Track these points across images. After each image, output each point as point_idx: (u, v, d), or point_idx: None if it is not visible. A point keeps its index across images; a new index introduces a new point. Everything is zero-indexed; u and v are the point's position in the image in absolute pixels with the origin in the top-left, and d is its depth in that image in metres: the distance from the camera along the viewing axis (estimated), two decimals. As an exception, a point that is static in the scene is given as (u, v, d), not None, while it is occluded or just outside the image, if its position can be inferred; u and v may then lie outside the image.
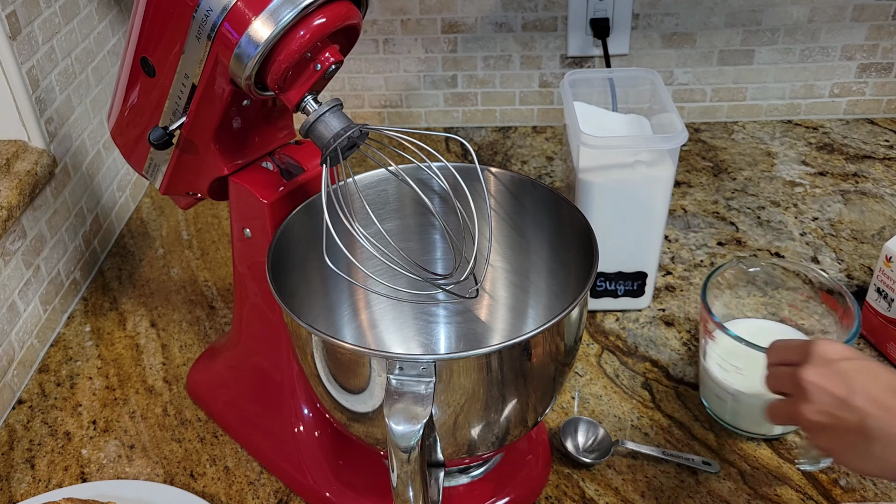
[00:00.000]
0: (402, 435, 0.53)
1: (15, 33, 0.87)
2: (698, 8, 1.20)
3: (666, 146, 0.82)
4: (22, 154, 0.90)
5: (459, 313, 0.79)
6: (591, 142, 0.81)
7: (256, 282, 0.73)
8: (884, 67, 1.25)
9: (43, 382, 0.89)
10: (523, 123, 1.32)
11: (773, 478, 0.74)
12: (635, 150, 0.84)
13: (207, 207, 1.17)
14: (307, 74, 0.59)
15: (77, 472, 0.78)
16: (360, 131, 0.59)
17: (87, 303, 1.00)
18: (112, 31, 1.11)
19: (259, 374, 0.77)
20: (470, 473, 0.71)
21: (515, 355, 0.56)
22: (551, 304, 0.73)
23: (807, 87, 1.27)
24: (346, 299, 0.76)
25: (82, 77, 1.03)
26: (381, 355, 0.56)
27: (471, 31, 1.24)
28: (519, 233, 0.73)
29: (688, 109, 1.30)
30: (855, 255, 1.00)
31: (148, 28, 0.62)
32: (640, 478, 0.74)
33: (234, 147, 0.69)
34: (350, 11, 0.59)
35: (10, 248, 0.86)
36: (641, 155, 0.84)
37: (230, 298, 0.99)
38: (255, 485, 0.76)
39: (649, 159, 0.84)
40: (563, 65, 1.26)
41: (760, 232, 1.05)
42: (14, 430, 0.83)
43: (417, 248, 0.75)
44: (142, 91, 0.67)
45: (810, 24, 1.21)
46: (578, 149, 0.83)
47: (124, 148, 0.74)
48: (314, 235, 0.67)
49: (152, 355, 0.92)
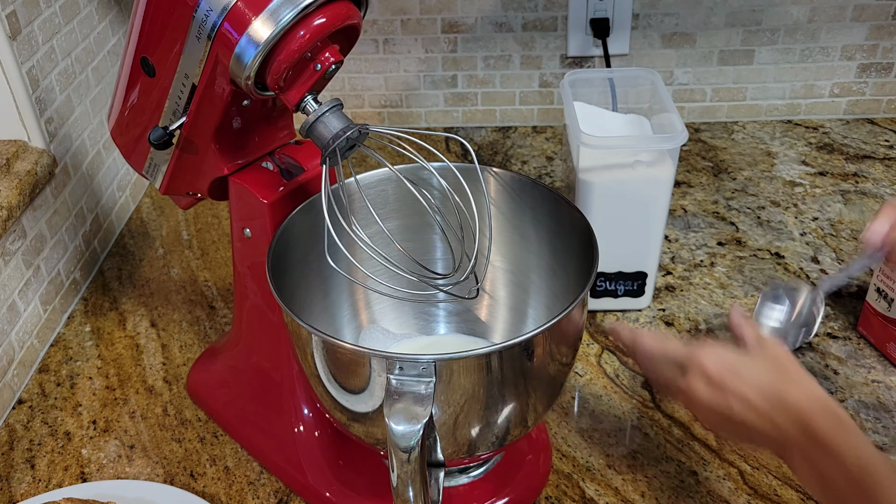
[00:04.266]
0: (402, 435, 0.53)
1: (15, 33, 0.87)
2: (698, 8, 1.20)
3: (666, 146, 0.82)
4: (22, 154, 0.90)
5: (459, 313, 0.79)
6: (591, 142, 0.81)
7: (256, 282, 0.73)
8: (884, 67, 1.25)
9: (43, 382, 0.89)
10: (523, 123, 1.32)
11: (773, 478, 0.74)
12: (635, 150, 0.84)
13: (207, 207, 1.17)
14: (307, 74, 0.59)
15: (77, 472, 0.78)
16: (359, 131, 0.59)
17: (87, 303, 1.00)
18: (112, 31, 1.11)
19: (259, 374, 0.77)
20: (470, 473, 0.71)
21: (515, 355, 0.56)
22: (551, 304, 0.73)
23: (807, 87, 1.27)
24: (346, 299, 0.76)
25: (82, 77, 1.03)
26: (381, 355, 0.56)
27: (471, 31, 1.24)
28: (519, 233, 0.73)
29: (688, 109, 1.30)
30: (855, 255, 1.00)
31: (148, 28, 0.62)
32: (640, 478, 0.74)
33: (234, 147, 0.69)
34: (350, 11, 0.59)
35: (10, 248, 0.86)
36: (641, 155, 0.84)
37: (230, 298, 0.99)
38: (255, 485, 0.76)
39: (649, 159, 0.84)
40: (563, 65, 1.26)
41: (760, 232, 1.05)
42: (14, 430, 0.83)
43: (417, 248, 0.75)
44: (142, 91, 0.67)
45: (810, 24, 1.21)
46: (578, 148, 0.83)
47: (124, 148, 0.74)
48: (314, 235, 0.67)
49: (152, 355, 0.92)
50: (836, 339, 0.88)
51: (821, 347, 0.87)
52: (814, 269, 0.98)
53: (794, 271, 0.98)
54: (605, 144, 0.82)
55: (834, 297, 0.93)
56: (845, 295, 0.94)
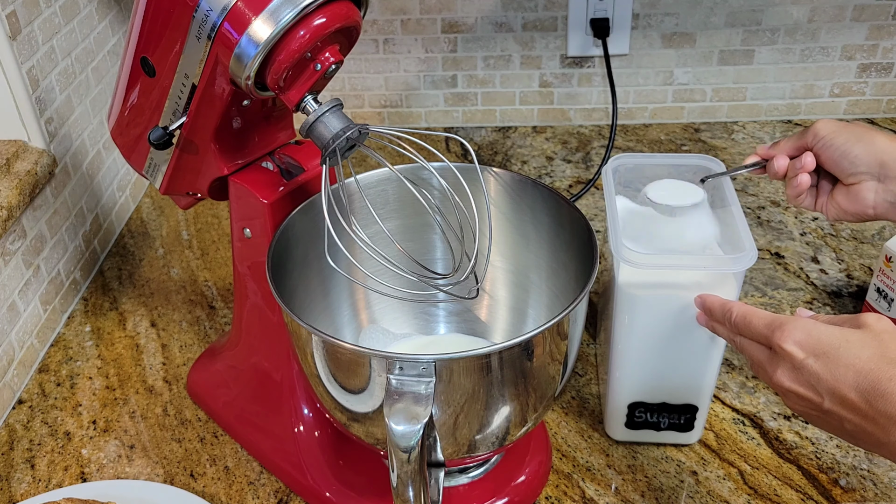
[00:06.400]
0: (402, 435, 0.53)
1: (15, 33, 0.87)
2: (698, 8, 1.20)
3: (730, 269, 0.66)
4: (22, 154, 0.90)
5: (459, 313, 0.79)
6: (635, 259, 0.66)
7: (256, 282, 0.73)
8: (884, 67, 1.25)
9: (43, 382, 0.89)
10: (523, 123, 1.32)
11: (773, 478, 0.74)
12: (691, 270, 0.68)
13: (207, 207, 1.17)
14: (307, 74, 0.59)
15: (77, 472, 0.78)
16: (359, 131, 0.59)
17: (87, 303, 1.00)
18: (112, 31, 1.11)
19: (259, 374, 0.77)
20: (470, 473, 0.71)
21: (515, 355, 0.56)
22: (551, 304, 0.73)
23: (807, 87, 1.27)
24: (346, 299, 0.76)
25: (82, 77, 1.03)
26: (381, 355, 0.56)
27: (471, 31, 1.24)
28: (519, 233, 0.73)
29: (688, 109, 1.30)
30: (855, 255, 1.00)
31: (148, 28, 0.62)
32: (640, 478, 0.74)
33: (234, 147, 0.69)
34: (350, 11, 0.59)
35: (10, 248, 0.86)
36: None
37: (230, 298, 0.99)
38: (255, 485, 0.76)
39: (707, 280, 0.68)
40: (563, 65, 1.26)
41: (760, 232, 1.05)
42: (14, 430, 0.83)
43: (417, 248, 0.75)
44: (142, 91, 0.67)
45: (810, 24, 1.21)
46: (619, 262, 0.67)
47: (124, 148, 0.74)
48: (314, 235, 0.67)
49: (152, 355, 0.92)
50: (836, 339, 0.88)
51: (821, 347, 0.87)
52: (814, 268, 0.98)
53: (794, 271, 0.98)
54: (653, 263, 0.67)
55: (834, 297, 0.93)
56: (845, 295, 0.94)
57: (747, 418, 0.80)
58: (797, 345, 0.52)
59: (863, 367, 0.49)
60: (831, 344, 0.51)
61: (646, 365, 0.72)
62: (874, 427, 0.49)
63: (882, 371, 0.49)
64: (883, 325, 0.52)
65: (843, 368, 0.50)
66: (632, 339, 0.70)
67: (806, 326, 0.53)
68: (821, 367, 0.51)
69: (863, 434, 0.50)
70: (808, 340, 0.52)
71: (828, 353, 0.51)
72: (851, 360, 0.50)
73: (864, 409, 0.49)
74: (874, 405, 0.48)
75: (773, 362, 0.54)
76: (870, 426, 0.49)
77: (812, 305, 0.92)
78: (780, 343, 0.53)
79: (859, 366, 0.50)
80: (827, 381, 0.51)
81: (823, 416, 0.52)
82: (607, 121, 1.31)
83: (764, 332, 0.55)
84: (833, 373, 0.50)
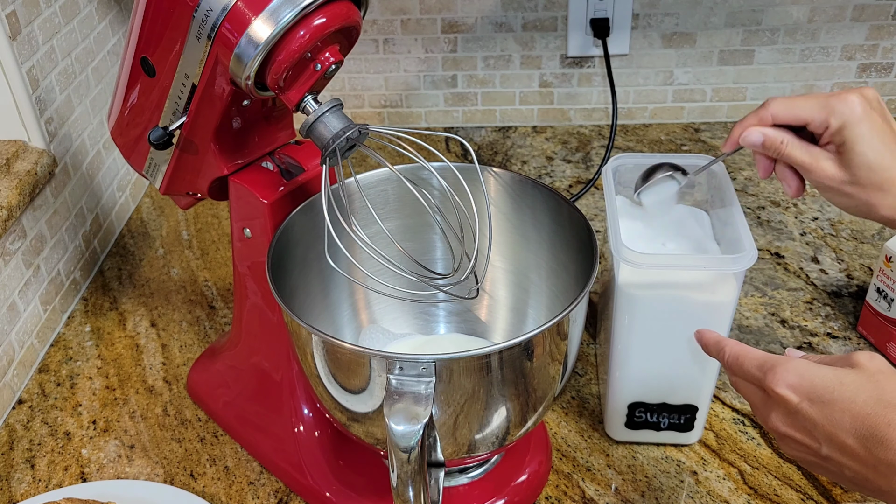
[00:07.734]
0: (402, 435, 0.53)
1: (15, 33, 0.87)
2: (698, 8, 1.20)
3: (730, 269, 0.66)
4: (22, 154, 0.90)
5: (459, 313, 0.79)
6: (635, 259, 0.66)
7: (256, 282, 0.73)
8: (884, 67, 1.25)
9: (43, 382, 0.89)
10: (523, 123, 1.32)
11: (773, 478, 0.74)
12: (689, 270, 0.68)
13: (207, 207, 1.17)
14: (307, 74, 0.59)
15: (77, 472, 0.78)
16: (359, 131, 0.59)
17: (87, 303, 1.00)
18: (112, 31, 1.11)
19: (259, 374, 0.77)
20: (470, 473, 0.71)
21: (515, 355, 0.56)
22: (551, 304, 0.73)
23: (807, 88, 1.27)
24: (346, 299, 0.76)
25: (82, 77, 1.03)
26: (381, 355, 0.56)
27: (471, 31, 1.24)
28: (519, 233, 0.73)
29: (688, 109, 1.30)
30: (855, 255, 1.00)
31: (148, 28, 0.62)
32: (640, 478, 0.74)
33: (234, 147, 0.69)
34: (350, 11, 0.59)
35: (10, 248, 0.86)
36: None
37: (230, 298, 0.99)
38: (255, 485, 0.76)
39: (707, 280, 0.69)
40: (563, 65, 1.26)
41: (760, 232, 1.05)
42: (14, 430, 0.83)
43: (417, 248, 0.75)
44: (142, 91, 0.67)
45: (810, 24, 1.21)
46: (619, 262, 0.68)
47: (124, 148, 0.74)
48: (314, 235, 0.67)
49: (152, 355, 0.92)
50: (835, 338, 0.88)
51: (820, 347, 0.87)
52: (814, 268, 0.98)
53: (794, 271, 0.98)
54: (653, 263, 0.67)
55: (834, 297, 0.93)
56: (845, 295, 0.94)
57: (747, 418, 0.80)
58: (790, 388, 0.50)
59: (859, 411, 0.47)
60: (826, 387, 0.49)
61: (646, 365, 0.72)
62: (875, 475, 0.47)
63: (880, 416, 0.47)
64: (876, 364, 0.50)
65: (840, 413, 0.48)
66: (632, 339, 0.70)
67: (798, 369, 0.51)
68: (816, 412, 0.49)
69: (864, 481, 0.48)
70: (801, 384, 0.50)
71: (822, 397, 0.49)
72: (847, 405, 0.48)
73: (864, 455, 0.47)
74: (873, 452, 0.47)
75: (767, 405, 0.53)
76: (870, 474, 0.47)
77: (812, 305, 0.92)
78: (773, 387, 0.51)
79: (856, 410, 0.48)
80: (823, 426, 0.49)
81: (823, 463, 0.50)
82: (607, 121, 1.31)
83: (756, 374, 0.53)
84: (829, 417, 0.48)
